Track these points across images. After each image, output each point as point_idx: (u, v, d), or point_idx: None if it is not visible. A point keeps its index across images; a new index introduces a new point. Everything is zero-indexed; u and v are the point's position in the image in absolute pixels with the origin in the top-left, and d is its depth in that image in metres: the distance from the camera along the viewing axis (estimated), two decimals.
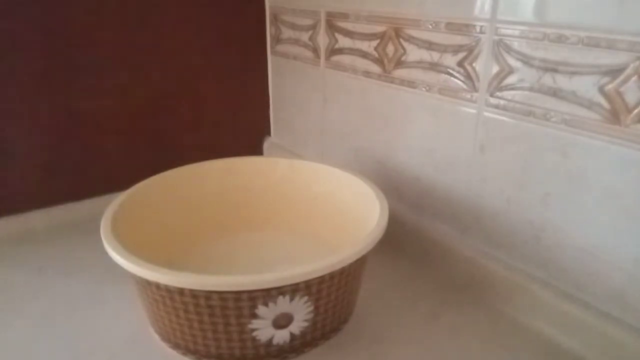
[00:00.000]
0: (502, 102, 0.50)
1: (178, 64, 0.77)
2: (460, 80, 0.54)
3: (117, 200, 0.53)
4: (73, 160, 0.73)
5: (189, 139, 0.81)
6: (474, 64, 0.52)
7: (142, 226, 0.54)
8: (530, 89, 0.47)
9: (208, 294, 0.41)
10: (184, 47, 0.78)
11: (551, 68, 0.45)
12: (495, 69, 0.50)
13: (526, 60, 0.47)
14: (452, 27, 0.53)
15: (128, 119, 0.76)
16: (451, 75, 0.55)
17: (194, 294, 0.41)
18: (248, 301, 0.41)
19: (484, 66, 0.51)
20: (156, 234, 0.56)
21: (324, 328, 0.48)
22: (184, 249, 0.62)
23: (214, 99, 0.83)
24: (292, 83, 0.84)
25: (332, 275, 0.44)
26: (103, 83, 0.72)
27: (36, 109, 0.69)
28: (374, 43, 0.64)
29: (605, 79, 0.41)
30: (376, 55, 0.64)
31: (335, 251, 0.44)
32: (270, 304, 0.42)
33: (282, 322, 0.44)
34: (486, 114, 0.52)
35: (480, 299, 0.55)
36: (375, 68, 0.65)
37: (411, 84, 0.60)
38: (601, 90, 0.42)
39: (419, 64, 0.58)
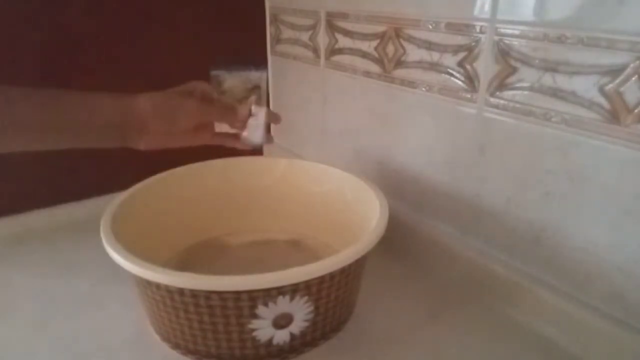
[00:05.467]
0: (502, 102, 0.50)
1: (178, 65, 0.77)
2: (460, 80, 0.54)
3: (117, 200, 0.53)
4: (73, 160, 0.73)
5: None
6: (474, 64, 0.52)
7: (142, 226, 0.54)
8: (531, 89, 0.47)
9: (208, 294, 0.41)
10: (184, 47, 0.78)
11: (551, 68, 0.45)
12: (495, 69, 0.50)
13: (526, 60, 0.47)
14: (452, 27, 0.53)
15: None
16: (451, 75, 0.55)
17: (194, 294, 0.41)
18: (248, 301, 0.41)
19: (484, 66, 0.51)
20: (156, 234, 0.56)
21: (324, 328, 0.48)
22: (183, 249, 0.62)
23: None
24: (292, 83, 0.84)
25: (332, 275, 0.44)
26: (103, 82, 0.72)
27: None
28: (374, 43, 0.64)
29: (605, 79, 0.41)
30: (376, 55, 0.64)
31: (335, 251, 0.44)
32: (270, 304, 0.42)
33: (282, 322, 0.44)
34: (486, 114, 0.52)
35: (480, 299, 0.55)
36: (375, 68, 0.65)
37: (411, 84, 0.60)
38: (601, 90, 0.42)
39: (419, 64, 0.58)
